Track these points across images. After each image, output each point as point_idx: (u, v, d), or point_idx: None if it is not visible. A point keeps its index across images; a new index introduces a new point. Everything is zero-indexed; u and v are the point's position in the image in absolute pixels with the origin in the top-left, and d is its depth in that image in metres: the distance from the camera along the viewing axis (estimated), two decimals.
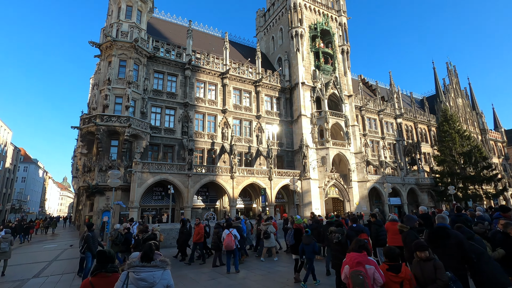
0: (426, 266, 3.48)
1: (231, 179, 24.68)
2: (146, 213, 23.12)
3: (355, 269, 3.39)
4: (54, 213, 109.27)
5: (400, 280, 3.31)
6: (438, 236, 4.07)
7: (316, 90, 31.52)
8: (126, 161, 21.83)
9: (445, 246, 3.98)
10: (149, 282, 2.97)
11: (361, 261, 3.46)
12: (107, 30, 23.77)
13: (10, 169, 59.15)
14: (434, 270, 3.38)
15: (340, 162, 32.06)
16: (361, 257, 3.52)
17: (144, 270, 3.02)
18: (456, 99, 52.88)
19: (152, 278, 2.99)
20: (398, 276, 3.34)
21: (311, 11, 35.24)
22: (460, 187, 36.88)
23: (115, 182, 12.18)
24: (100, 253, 3.49)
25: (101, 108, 22.22)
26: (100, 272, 3.25)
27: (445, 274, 3.35)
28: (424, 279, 3.47)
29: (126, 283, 2.93)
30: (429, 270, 3.42)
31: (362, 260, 3.48)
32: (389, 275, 3.40)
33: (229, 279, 8.54)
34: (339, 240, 5.44)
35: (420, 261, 3.57)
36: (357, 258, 3.51)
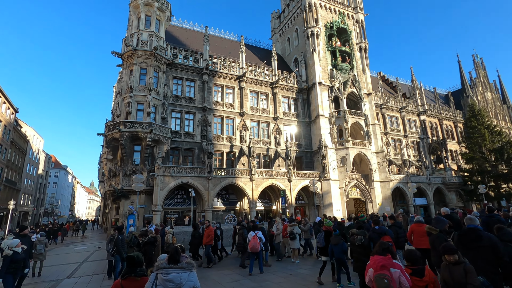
0: (455, 270, 3.36)
1: (250, 181, 24.82)
2: (169, 216, 23.73)
3: (380, 272, 3.33)
4: (82, 216, 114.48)
5: (425, 284, 3.23)
6: (470, 239, 3.92)
7: (334, 89, 31.08)
8: (148, 165, 22.57)
9: (478, 248, 3.83)
10: (176, 283, 3.10)
11: (386, 265, 3.40)
12: (128, 40, 24.77)
13: (42, 175, 62.79)
14: (465, 274, 3.25)
15: (361, 162, 31.35)
16: (385, 260, 3.46)
17: (171, 271, 3.16)
18: (485, 93, 50.20)
19: (179, 279, 3.13)
20: (422, 280, 3.26)
21: (327, 10, 34.86)
22: (491, 185, 34.95)
23: (139, 186, 12.66)
24: (129, 258, 3.66)
25: (124, 115, 23.13)
26: (130, 276, 3.40)
27: (476, 278, 3.22)
28: (453, 284, 3.34)
29: (155, 284, 3.08)
30: (459, 274, 3.30)
31: (387, 263, 3.41)
32: (413, 280, 3.31)
33: (251, 281, 8.62)
34: (362, 242, 5.35)
35: (449, 264, 3.45)
36: (381, 262, 3.45)
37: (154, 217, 20.69)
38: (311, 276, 8.58)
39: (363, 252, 5.37)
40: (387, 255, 3.52)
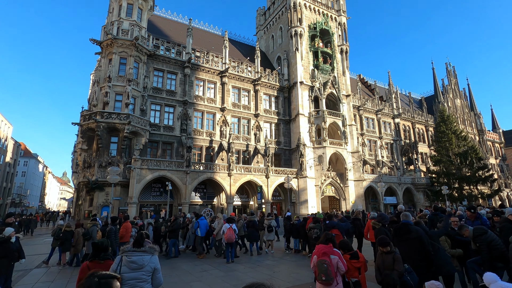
0: (387, 258, 3.93)
1: (229, 177, 25.10)
2: (145, 209, 23.57)
3: (321, 258, 3.85)
4: (53, 207, 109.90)
5: (360, 266, 3.80)
6: (403, 232, 4.50)
7: (314, 89, 31.86)
8: (125, 157, 22.24)
9: (408, 240, 4.41)
10: (138, 264, 3.48)
11: (327, 252, 3.91)
12: (108, 28, 24.07)
13: (10, 164, 59.58)
14: (393, 261, 3.82)
15: (337, 161, 32.49)
16: (327, 249, 3.96)
17: (134, 254, 3.54)
18: (455, 100, 53.22)
19: (141, 261, 3.50)
20: (359, 262, 3.84)
21: (311, 11, 35.47)
22: (455, 187, 37.36)
23: (114, 178, 12.57)
24: (93, 244, 4.07)
25: (101, 105, 22.58)
26: (95, 259, 3.87)
27: (402, 265, 3.80)
28: (384, 269, 3.93)
29: (120, 265, 3.48)
30: (389, 261, 3.87)
31: (328, 251, 3.93)
32: (352, 262, 3.89)
33: (220, 271, 9.06)
34: (318, 235, 5.88)
35: (382, 253, 4.02)
36: (323, 249, 3.96)
37: (130, 210, 20.49)
38: (276, 267, 9.11)
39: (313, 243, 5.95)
40: (329, 244, 4.03)
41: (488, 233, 4.79)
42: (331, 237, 4.09)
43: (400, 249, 4.53)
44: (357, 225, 8.40)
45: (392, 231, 4.79)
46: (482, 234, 4.77)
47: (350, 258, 3.94)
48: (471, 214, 6.33)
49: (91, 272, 1.97)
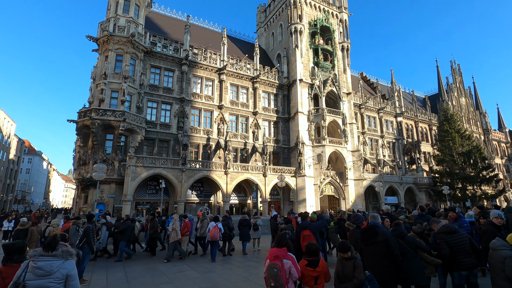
0: (347, 264, 3.60)
1: (225, 175, 24.85)
2: (141, 207, 23.47)
3: (272, 262, 3.55)
4: (58, 204, 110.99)
5: (317, 274, 3.47)
6: (369, 235, 4.17)
7: (314, 87, 31.40)
8: (120, 155, 22.12)
9: (375, 244, 4.08)
10: (45, 270, 3.13)
11: (279, 255, 3.61)
12: (105, 25, 23.93)
13: (14, 161, 60.24)
14: (353, 268, 3.49)
15: (337, 160, 32.04)
16: (279, 252, 3.66)
17: (41, 259, 3.19)
18: (459, 98, 52.23)
19: (49, 267, 3.15)
20: (315, 271, 3.50)
21: (312, 7, 34.96)
22: (458, 187, 36.65)
23: (100, 176, 12.40)
24: (4, 246, 3.75)
25: (97, 102, 22.47)
26: (7, 262, 3.59)
27: (362, 273, 3.47)
28: (343, 276, 3.60)
29: (26, 271, 3.13)
30: (349, 268, 3.54)
31: (280, 254, 3.62)
32: (308, 270, 3.55)
33: (196, 272, 8.86)
34: (290, 236, 5.57)
35: (343, 259, 3.69)
36: (276, 253, 3.66)
37: (124, 208, 20.38)
38: (255, 268, 8.85)
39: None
40: (283, 248, 3.72)
41: (456, 234, 4.46)
42: (282, 239, 3.79)
43: (366, 253, 4.21)
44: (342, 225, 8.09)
45: (360, 234, 4.47)
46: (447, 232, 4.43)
47: (307, 265, 3.62)
48: (452, 214, 5.99)
49: None
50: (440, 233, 4.73)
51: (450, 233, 4.61)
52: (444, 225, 4.75)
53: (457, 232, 4.56)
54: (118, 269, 9.26)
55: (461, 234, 4.55)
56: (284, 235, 3.99)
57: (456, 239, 4.52)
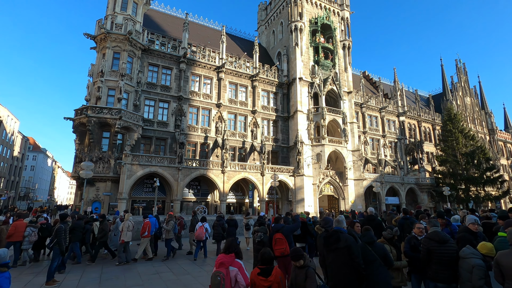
0: (300, 273, 3.37)
1: (222, 174, 24.69)
2: (137, 205, 23.43)
3: (216, 270, 3.34)
4: (63, 201, 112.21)
5: (269, 284, 3.23)
6: (332, 241, 3.91)
7: (314, 85, 31.04)
8: (117, 153, 22.08)
9: (337, 250, 3.83)
10: None
11: (225, 262, 3.39)
12: (102, 22, 23.90)
13: (18, 158, 60.88)
14: (305, 278, 3.26)
15: (337, 160, 31.66)
16: (225, 259, 3.44)
17: None
18: (464, 98, 51.32)
19: None
20: (267, 280, 3.25)
21: (312, 5, 34.53)
22: (462, 188, 36.01)
23: (87, 174, 12.31)
24: None
25: (94, 99, 22.47)
26: None
27: (313, 283, 3.24)
28: (296, 286, 3.37)
29: None
30: (301, 277, 3.31)
31: (226, 261, 3.41)
32: (259, 279, 3.31)
33: (173, 273, 8.70)
34: (261, 239, 5.33)
35: (296, 268, 3.46)
36: (221, 259, 3.44)
37: (120, 205, 20.35)
38: None
39: (260, 249, 5.35)
40: (231, 254, 3.50)
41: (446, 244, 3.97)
42: (230, 245, 3.57)
43: (328, 260, 3.96)
44: None
45: (322, 239, 4.22)
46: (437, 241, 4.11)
47: (259, 273, 3.36)
48: (442, 222, 5.69)
49: None
50: (427, 239, 4.28)
51: (439, 242, 4.07)
52: (435, 232, 4.24)
53: (448, 242, 4.05)
54: (95, 270, 9.09)
55: (451, 245, 4.04)
56: (234, 240, 3.76)
57: (444, 251, 4.01)
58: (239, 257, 3.58)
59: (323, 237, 4.13)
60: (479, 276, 3.26)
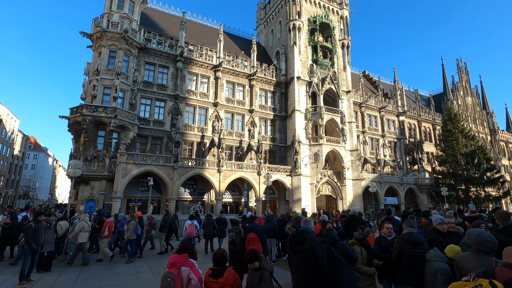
0: (254, 275, 3.21)
1: (218, 173, 24.56)
2: (132, 204, 23.34)
3: (167, 270, 3.21)
4: (65, 200, 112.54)
5: (220, 286, 3.08)
6: (296, 242, 3.75)
7: (312, 85, 30.84)
8: (112, 151, 22.00)
9: (301, 251, 3.67)
10: None
11: (176, 262, 3.26)
12: (99, 21, 23.84)
13: (18, 156, 61.13)
14: (260, 280, 3.10)
15: (335, 159, 31.44)
16: (178, 259, 3.31)
17: None
18: (465, 98, 50.87)
19: None
20: (217, 282, 3.11)
21: (311, 4, 34.31)
22: (462, 188, 35.68)
23: (75, 172, 12.22)
24: None
25: (90, 98, 22.41)
26: None
27: (268, 286, 3.08)
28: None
29: None
30: (256, 280, 3.16)
31: (178, 261, 3.27)
32: (210, 281, 3.18)
33: (152, 274, 8.60)
34: (233, 239, 5.18)
35: (252, 270, 3.30)
36: (173, 259, 3.31)
37: (114, 205, 20.29)
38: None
39: (233, 249, 5.22)
40: (184, 254, 3.37)
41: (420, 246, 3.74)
42: (184, 245, 3.42)
43: (293, 262, 3.80)
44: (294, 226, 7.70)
45: (288, 240, 4.06)
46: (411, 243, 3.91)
47: (210, 274, 3.21)
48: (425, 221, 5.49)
49: None
50: (401, 240, 4.03)
51: (413, 244, 3.83)
52: (410, 233, 3.98)
53: (422, 244, 3.83)
54: (75, 270, 8.96)
55: (425, 248, 3.80)
56: (189, 240, 3.63)
57: (417, 253, 3.77)
58: (193, 257, 3.44)
59: (289, 238, 3.97)
60: (442, 281, 3.08)
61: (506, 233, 3.29)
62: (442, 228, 4.30)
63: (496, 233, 3.38)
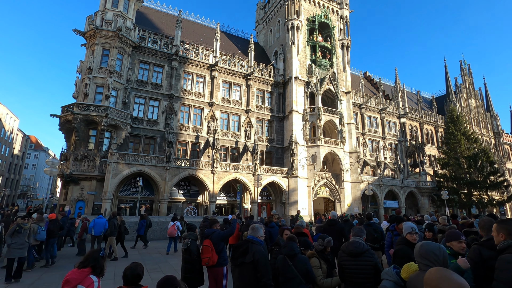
0: None
1: (212, 174, 24.05)
2: (124, 205, 22.90)
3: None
4: None
5: None
6: (239, 253, 3.18)
7: (311, 85, 30.26)
8: (104, 151, 21.59)
9: (243, 265, 3.10)
10: None
11: (71, 280, 2.73)
12: (92, 18, 23.53)
13: (18, 156, 61.15)
14: None
15: (334, 161, 30.76)
16: (75, 275, 2.78)
17: None
18: (469, 100, 49.94)
19: None
20: None
21: (310, 3, 33.80)
22: (464, 192, 34.80)
23: (52, 171, 11.78)
24: None
25: (82, 97, 22.04)
26: None
27: None
28: None
29: None
30: None
31: (73, 278, 2.74)
32: None
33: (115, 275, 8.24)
34: (188, 247, 4.60)
35: None
36: (69, 276, 2.79)
37: (104, 205, 19.83)
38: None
39: (188, 258, 4.63)
40: (87, 268, 2.84)
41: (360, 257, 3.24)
42: (92, 257, 2.89)
43: (234, 276, 3.25)
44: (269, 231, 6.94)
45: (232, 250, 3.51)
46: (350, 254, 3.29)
47: None
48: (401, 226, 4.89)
49: None
50: (340, 252, 3.50)
51: (351, 256, 3.30)
52: (350, 243, 3.47)
53: (363, 255, 3.28)
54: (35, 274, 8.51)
55: (367, 259, 3.25)
56: (94, 252, 3.09)
57: (357, 266, 3.23)
58: (96, 273, 2.91)
59: (232, 248, 3.42)
60: None
61: (489, 247, 2.71)
62: (412, 239, 3.70)
63: (478, 246, 2.80)
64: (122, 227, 11.73)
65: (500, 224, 2.85)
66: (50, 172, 11.44)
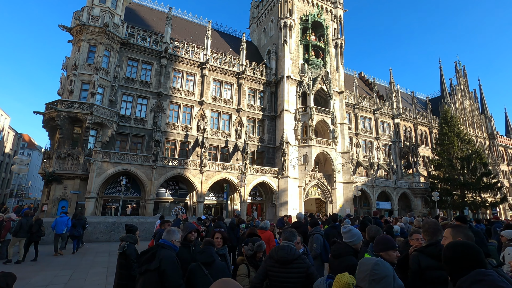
0: None
1: (200, 174, 23.61)
2: (110, 204, 22.39)
3: None
4: None
5: None
6: (145, 260, 2.75)
7: (303, 84, 29.90)
8: (88, 149, 21.09)
9: (147, 272, 2.67)
10: None
11: None
12: (79, 14, 23.04)
13: (10, 154, 60.26)
14: None
15: (326, 162, 30.42)
16: None
17: None
18: (463, 101, 49.86)
19: None
20: None
21: (304, 2, 33.47)
22: (457, 194, 34.62)
23: (21, 169, 11.32)
24: None
25: (67, 94, 21.55)
26: None
27: None
28: None
29: None
30: None
31: None
32: None
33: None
34: (124, 250, 4.16)
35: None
36: None
37: (87, 205, 19.34)
38: None
39: (123, 263, 4.19)
40: None
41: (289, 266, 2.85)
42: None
43: (138, 285, 2.83)
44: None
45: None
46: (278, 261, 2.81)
47: None
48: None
49: None
50: (267, 257, 3.15)
51: (279, 263, 2.93)
52: (279, 247, 3.12)
53: (293, 262, 2.91)
54: None
55: (298, 266, 2.90)
56: None
57: (286, 275, 2.86)
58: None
59: (140, 254, 3.00)
60: None
61: (430, 254, 2.31)
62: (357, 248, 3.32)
63: (418, 253, 2.41)
64: (35, 227, 10.35)
65: (457, 229, 2.48)
66: (19, 170, 11.00)
